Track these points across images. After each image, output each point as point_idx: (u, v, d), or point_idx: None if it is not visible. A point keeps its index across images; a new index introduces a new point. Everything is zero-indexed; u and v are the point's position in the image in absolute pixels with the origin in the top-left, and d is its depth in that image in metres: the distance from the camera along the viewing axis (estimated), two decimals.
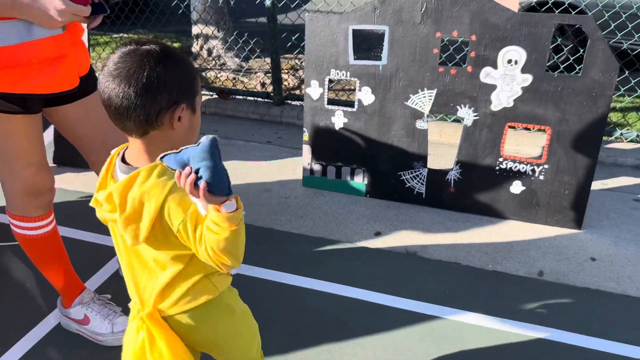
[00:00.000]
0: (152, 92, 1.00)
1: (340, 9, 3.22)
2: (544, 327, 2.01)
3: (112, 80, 0.99)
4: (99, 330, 1.89)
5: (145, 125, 1.02)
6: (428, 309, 2.09)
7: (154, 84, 0.99)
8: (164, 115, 1.02)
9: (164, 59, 1.02)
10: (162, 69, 1.00)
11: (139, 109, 1.00)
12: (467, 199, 2.69)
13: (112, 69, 1.00)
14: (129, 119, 1.01)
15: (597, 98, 2.36)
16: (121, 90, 0.99)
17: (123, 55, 1.01)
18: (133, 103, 0.99)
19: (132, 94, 0.98)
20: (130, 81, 0.98)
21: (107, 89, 1.00)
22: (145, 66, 0.99)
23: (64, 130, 1.75)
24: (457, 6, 2.40)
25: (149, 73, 0.99)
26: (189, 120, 1.08)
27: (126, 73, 0.99)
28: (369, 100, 2.68)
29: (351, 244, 2.49)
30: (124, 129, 1.06)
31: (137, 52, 1.01)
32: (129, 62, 1.00)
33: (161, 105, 1.01)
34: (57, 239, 1.79)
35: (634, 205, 2.77)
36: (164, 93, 1.01)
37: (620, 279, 2.26)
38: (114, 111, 1.02)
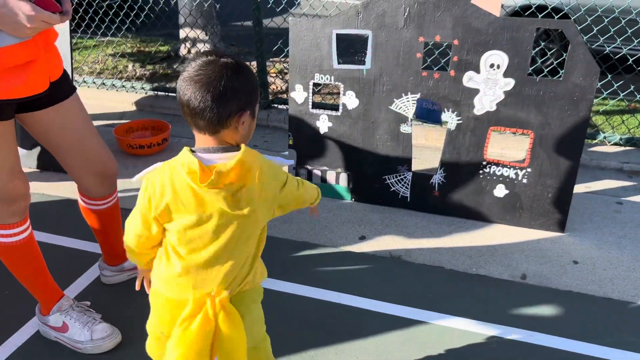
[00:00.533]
0: (225, 98, 1.16)
1: (326, 14, 3.22)
2: (527, 330, 2.01)
3: (193, 85, 1.15)
4: (78, 338, 1.87)
5: (216, 125, 1.18)
6: (412, 313, 2.09)
7: (228, 92, 1.16)
8: (232, 119, 1.19)
9: (238, 71, 1.18)
10: (236, 80, 1.17)
11: (213, 112, 1.16)
12: (451, 202, 2.70)
13: (193, 74, 1.16)
14: (203, 118, 1.17)
15: (579, 102, 2.37)
16: (200, 94, 1.15)
17: (204, 64, 1.17)
18: (209, 106, 1.15)
19: (209, 99, 1.15)
20: (209, 87, 1.15)
21: (187, 91, 1.16)
22: (222, 76, 1.16)
23: (39, 137, 1.73)
24: (440, 11, 2.41)
25: (225, 82, 1.15)
26: (249, 124, 1.25)
27: (206, 80, 1.15)
28: (353, 105, 2.68)
29: (336, 248, 2.48)
30: (196, 126, 1.20)
31: (217, 62, 1.17)
32: (209, 70, 1.16)
33: (231, 110, 1.17)
34: (33, 246, 1.77)
35: (616, 208, 2.79)
36: (235, 100, 1.17)
37: (602, 282, 2.27)
38: (191, 111, 1.17)
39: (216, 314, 1.26)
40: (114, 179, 1.94)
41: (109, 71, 4.66)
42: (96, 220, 2.00)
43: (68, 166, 1.82)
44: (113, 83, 4.33)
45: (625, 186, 3.00)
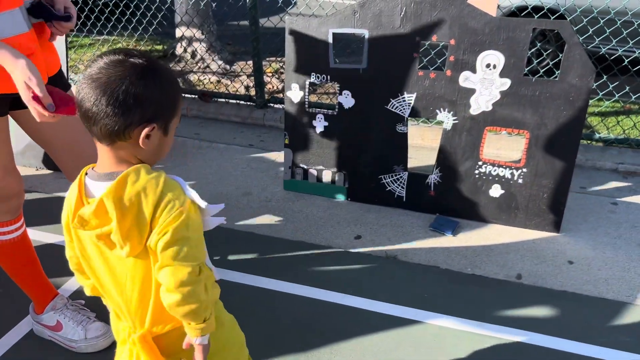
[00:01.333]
0: (124, 105, 0.98)
1: (323, 13, 3.22)
2: (522, 330, 2.01)
3: (89, 84, 0.99)
4: (72, 337, 1.86)
5: (112, 135, 1.01)
6: (407, 313, 2.09)
7: (129, 98, 0.98)
8: (132, 130, 1.01)
9: (148, 75, 1.01)
10: (142, 86, 0.99)
11: (107, 119, 0.99)
12: (447, 202, 2.70)
13: (93, 72, 1.00)
14: (96, 125, 1.00)
15: (575, 102, 2.38)
16: (94, 95, 0.98)
17: (109, 62, 1.00)
18: (102, 111, 0.98)
19: (104, 103, 0.98)
20: (106, 90, 0.98)
21: (82, 90, 1.00)
22: (125, 79, 0.98)
23: (33, 134, 1.72)
24: (436, 10, 2.41)
25: (127, 86, 0.98)
26: (158, 140, 1.07)
27: (105, 80, 0.98)
28: (350, 104, 2.68)
29: (331, 248, 2.48)
30: (91, 133, 1.04)
31: (124, 62, 1.00)
32: (112, 70, 0.99)
33: (132, 120, 1.00)
34: (27, 244, 1.76)
35: (611, 209, 2.79)
36: (138, 109, 1.00)
37: (597, 282, 2.27)
38: (83, 114, 1.01)
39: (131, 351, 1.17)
40: None
41: None
42: None
43: (62, 164, 1.81)
44: None
45: (620, 187, 3.01)
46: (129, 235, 1.02)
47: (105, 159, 1.06)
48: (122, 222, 1.01)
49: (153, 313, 1.13)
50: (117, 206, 1.00)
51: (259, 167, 3.19)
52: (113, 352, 1.85)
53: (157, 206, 1.02)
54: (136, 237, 1.03)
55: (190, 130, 3.70)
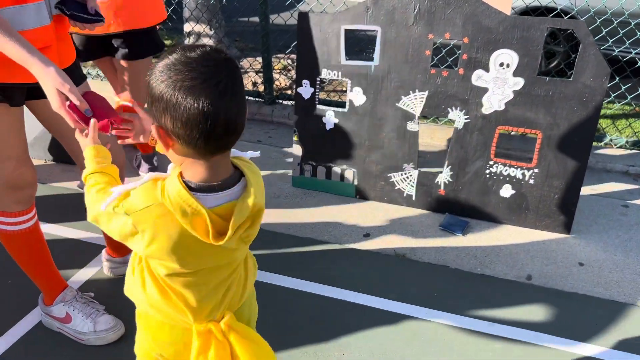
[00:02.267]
0: (244, 102, 0.95)
1: (333, 11, 3.20)
2: (532, 331, 2.00)
3: (230, 99, 0.88)
4: (81, 329, 1.85)
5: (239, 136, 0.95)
6: (416, 311, 2.07)
7: (243, 94, 0.96)
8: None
9: (237, 65, 0.95)
10: (240, 76, 0.94)
11: (242, 121, 0.94)
12: (457, 201, 2.68)
13: (214, 84, 0.87)
14: (235, 133, 0.92)
15: (588, 103, 2.36)
16: (234, 104, 0.89)
17: (211, 66, 0.89)
18: (241, 116, 0.92)
19: (242, 107, 0.92)
20: (235, 94, 0.90)
21: (229, 110, 0.89)
22: (237, 75, 0.92)
23: (46, 123, 1.72)
24: (450, 8, 2.39)
25: (240, 83, 0.93)
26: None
27: (232, 87, 0.89)
28: (360, 101, 2.67)
29: (340, 245, 2.46)
30: (220, 147, 0.94)
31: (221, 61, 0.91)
32: (220, 73, 0.89)
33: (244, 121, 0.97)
34: (38, 235, 1.75)
35: (622, 211, 2.77)
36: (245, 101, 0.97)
37: (608, 285, 2.25)
38: (226, 130, 0.90)
39: (227, 338, 1.12)
40: (122, 169, 1.93)
41: None
42: None
43: (75, 154, 1.81)
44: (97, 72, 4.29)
45: (630, 189, 2.99)
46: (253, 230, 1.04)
47: (220, 167, 0.98)
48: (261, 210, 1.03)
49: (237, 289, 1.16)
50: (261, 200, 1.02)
51: (267, 163, 3.19)
52: (122, 345, 1.86)
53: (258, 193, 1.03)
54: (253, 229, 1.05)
55: None
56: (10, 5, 1.40)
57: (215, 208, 0.97)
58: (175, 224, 0.97)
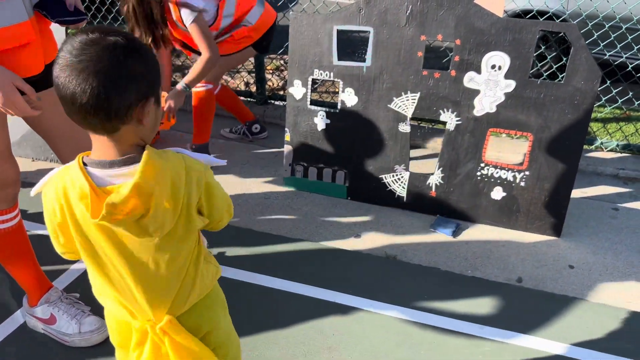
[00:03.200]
0: (122, 87, 0.93)
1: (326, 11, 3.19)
2: (522, 333, 1.99)
3: (77, 75, 0.90)
4: (66, 331, 1.82)
5: (113, 122, 0.95)
6: (406, 313, 2.06)
7: (124, 78, 0.93)
8: (133, 111, 0.96)
9: (132, 51, 0.95)
10: (132, 62, 0.94)
11: (108, 105, 0.92)
12: (448, 203, 2.68)
13: (75, 61, 0.90)
14: (96, 115, 0.93)
15: (579, 106, 2.36)
16: (88, 85, 0.90)
17: (87, 45, 0.92)
18: (102, 99, 0.91)
19: (102, 90, 0.90)
20: (99, 75, 0.90)
21: (70, 83, 0.91)
22: (113, 59, 0.91)
23: (31, 121, 1.69)
24: (443, 9, 2.38)
25: (118, 67, 0.92)
26: (155, 113, 1.02)
27: (93, 67, 0.90)
28: (352, 102, 2.65)
29: (330, 246, 2.45)
30: (88, 126, 0.97)
31: (103, 42, 0.92)
32: (95, 54, 0.91)
33: (130, 100, 0.94)
34: (22, 234, 1.72)
35: (612, 214, 2.78)
36: (134, 87, 0.94)
37: (598, 288, 2.25)
38: (79, 109, 0.93)
39: (162, 342, 1.12)
40: None
41: None
42: None
43: (60, 154, 1.78)
44: None
45: (621, 192, 3.00)
46: (165, 212, 1.00)
47: (109, 148, 0.99)
48: (159, 202, 0.98)
49: (179, 292, 1.12)
50: (157, 183, 0.97)
51: (259, 163, 3.17)
52: (107, 346, 1.83)
53: (188, 181, 1.03)
54: (171, 213, 1.01)
55: (190, 125, 3.66)
56: None
57: (106, 187, 0.98)
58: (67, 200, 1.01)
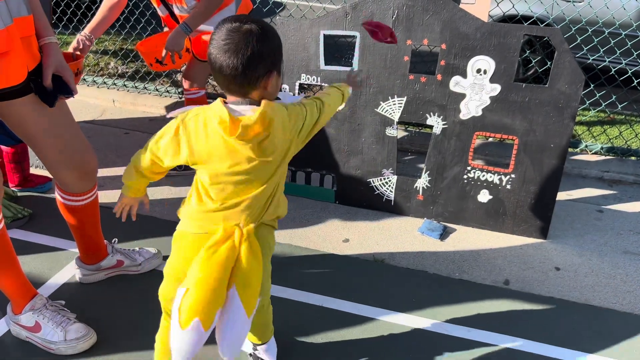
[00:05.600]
0: (254, 63, 1.25)
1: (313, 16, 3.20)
2: (510, 335, 2.00)
3: (223, 54, 1.24)
4: (51, 338, 1.80)
5: (246, 87, 1.28)
6: (395, 317, 2.06)
7: (255, 57, 1.24)
8: (261, 81, 1.28)
9: (262, 36, 1.26)
10: (260, 44, 1.25)
11: (243, 76, 1.25)
12: (435, 207, 2.69)
13: (222, 43, 1.24)
14: (235, 83, 1.27)
15: (564, 109, 2.39)
16: (231, 61, 1.23)
17: (229, 32, 1.24)
18: (240, 72, 1.24)
19: (240, 66, 1.24)
20: (238, 55, 1.23)
21: (218, 60, 1.25)
22: (248, 42, 1.24)
23: (14, 126, 1.66)
24: (428, 14, 2.40)
25: (252, 48, 1.24)
26: (276, 81, 1.33)
27: (234, 48, 1.23)
28: (339, 106, 2.66)
29: (319, 250, 2.45)
30: (228, 90, 1.30)
31: (241, 29, 1.24)
32: (235, 38, 1.24)
33: (259, 73, 1.27)
34: (5, 241, 1.69)
35: (597, 216, 2.81)
36: (262, 64, 1.26)
37: (584, 289, 2.28)
38: (225, 78, 1.27)
39: (240, 244, 1.36)
40: (93, 174, 1.88)
41: (91, 68, 4.57)
42: (74, 217, 1.94)
43: (46, 160, 1.76)
44: (94, 80, 4.24)
45: (605, 195, 3.04)
46: (278, 140, 1.32)
47: (239, 96, 1.32)
48: (276, 128, 1.30)
49: (273, 206, 1.45)
50: (273, 115, 1.28)
51: None
52: (93, 354, 1.81)
53: (290, 116, 1.36)
54: (281, 143, 1.34)
55: None
56: None
57: (239, 117, 1.28)
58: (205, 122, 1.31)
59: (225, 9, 2.71)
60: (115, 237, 2.25)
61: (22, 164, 2.70)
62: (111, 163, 3.11)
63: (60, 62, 1.64)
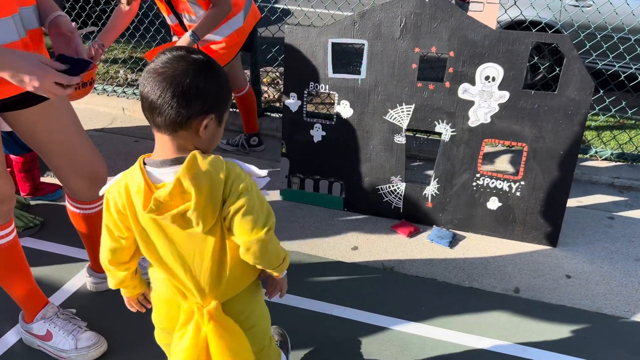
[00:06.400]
0: (188, 97, 1.07)
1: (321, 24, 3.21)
2: (521, 345, 1.99)
3: (155, 77, 1.07)
4: (62, 347, 1.81)
5: (174, 124, 1.09)
6: (404, 325, 2.06)
7: (192, 90, 1.07)
8: (193, 120, 1.09)
9: (208, 70, 1.10)
10: (203, 79, 1.08)
11: (171, 110, 1.07)
12: (444, 214, 2.68)
13: (158, 66, 1.07)
14: (160, 115, 1.08)
15: (573, 116, 2.38)
16: (161, 88, 1.06)
17: (172, 58, 1.08)
18: (168, 103, 1.06)
19: (169, 95, 1.06)
20: (172, 82, 1.06)
21: (148, 83, 1.07)
22: (189, 72, 1.07)
23: (24, 135, 1.68)
24: (436, 22, 2.41)
25: (190, 79, 1.07)
26: (213, 130, 1.15)
27: (171, 74, 1.06)
28: (348, 114, 2.67)
29: (328, 258, 2.45)
30: (153, 123, 1.11)
31: (186, 58, 1.09)
32: (176, 65, 1.07)
33: (193, 111, 1.08)
34: (17, 250, 1.71)
35: (608, 223, 2.79)
36: (199, 101, 1.08)
37: (595, 297, 2.26)
38: (149, 105, 1.08)
39: (204, 326, 1.23)
40: (103, 182, 1.90)
41: (100, 76, 4.61)
42: (84, 225, 1.96)
43: (56, 168, 1.78)
44: (104, 88, 4.28)
45: (616, 201, 3.01)
46: (205, 210, 1.11)
47: (167, 148, 1.13)
48: (199, 198, 1.09)
49: (228, 281, 1.23)
50: (194, 183, 1.08)
51: None
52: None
53: (227, 182, 1.11)
54: (210, 212, 1.11)
55: None
56: None
57: (158, 184, 1.12)
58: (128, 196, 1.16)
59: (233, 19, 2.73)
60: None
61: (32, 172, 2.73)
62: (120, 171, 3.13)
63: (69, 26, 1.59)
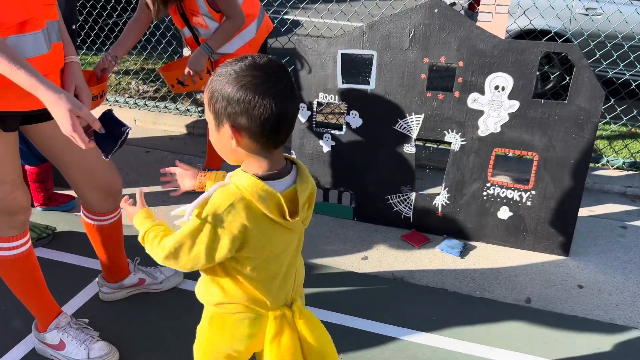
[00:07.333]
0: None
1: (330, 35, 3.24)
2: (532, 355, 1.97)
3: (289, 95, 1.05)
4: (75, 357, 1.83)
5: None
6: (414, 335, 2.05)
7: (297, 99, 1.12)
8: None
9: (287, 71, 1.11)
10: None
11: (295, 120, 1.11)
12: (454, 224, 2.68)
13: (281, 85, 1.03)
14: (291, 128, 1.09)
15: (584, 125, 2.37)
16: (295, 103, 1.08)
17: (273, 72, 1.04)
18: (296, 114, 1.11)
19: (297, 106, 1.11)
20: (293, 94, 1.07)
21: (290, 108, 1.06)
22: (292, 81, 1.08)
23: (43, 148, 1.72)
24: (445, 32, 2.42)
25: (295, 87, 1.09)
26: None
27: (291, 88, 1.06)
28: (357, 124, 2.68)
29: (337, 268, 2.45)
30: (279, 141, 1.08)
31: (282, 68, 1.06)
32: (284, 78, 1.05)
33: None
34: (32, 260, 1.74)
35: (620, 232, 2.76)
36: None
37: (608, 307, 2.23)
38: (290, 123, 1.08)
39: (296, 322, 1.25)
40: (118, 195, 1.92)
41: (112, 88, 4.67)
42: (98, 236, 1.98)
43: (72, 181, 1.80)
44: (116, 99, 4.34)
45: (629, 210, 2.98)
46: (310, 210, 1.20)
47: (280, 157, 1.14)
48: (312, 200, 1.18)
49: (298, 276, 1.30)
50: (314, 187, 1.18)
51: None
52: None
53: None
54: (311, 212, 1.20)
55: (197, 148, 3.70)
56: (13, 35, 1.43)
57: (283, 192, 1.10)
58: (254, 213, 1.07)
59: (245, 30, 2.76)
60: (137, 255, 2.28)
61: (45, 183, 2.76)
62: (132, 182, 3.16)
63: (80, 82, 1.65)
